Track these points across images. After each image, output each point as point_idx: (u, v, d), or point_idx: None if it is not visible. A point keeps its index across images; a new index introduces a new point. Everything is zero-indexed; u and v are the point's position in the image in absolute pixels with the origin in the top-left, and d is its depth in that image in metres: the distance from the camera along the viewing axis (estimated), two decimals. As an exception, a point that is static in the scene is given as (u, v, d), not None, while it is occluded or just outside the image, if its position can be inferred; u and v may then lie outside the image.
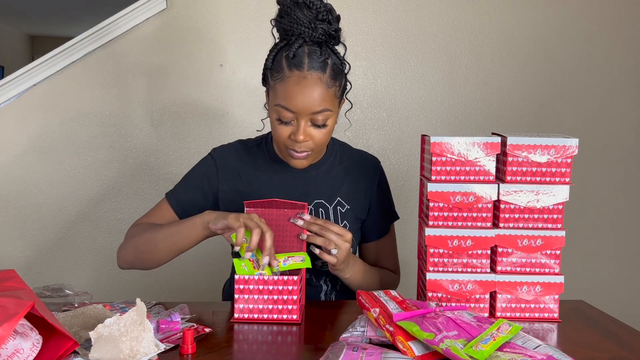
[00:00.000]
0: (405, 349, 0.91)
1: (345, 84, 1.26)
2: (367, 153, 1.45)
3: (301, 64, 1.16)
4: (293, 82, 1.16)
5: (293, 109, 1.17)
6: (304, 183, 1.35)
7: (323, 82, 1.17)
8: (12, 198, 2.08)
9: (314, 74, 1.16)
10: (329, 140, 1.27)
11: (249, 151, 1.38)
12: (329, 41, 1.20)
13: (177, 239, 1.23)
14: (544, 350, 0.88)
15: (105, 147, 2.12)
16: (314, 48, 1.17)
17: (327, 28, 1.18)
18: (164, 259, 1.27)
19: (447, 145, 1.13)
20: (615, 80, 2.29)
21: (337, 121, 1.28)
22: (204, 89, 2.14)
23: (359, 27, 2.18)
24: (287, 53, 1.17)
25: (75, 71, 2.07)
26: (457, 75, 2.24)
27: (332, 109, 1.20)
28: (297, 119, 1.19)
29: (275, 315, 1.11)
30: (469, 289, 1.14)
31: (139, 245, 1.27)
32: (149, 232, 1.27)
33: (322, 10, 1.16)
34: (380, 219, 1.41)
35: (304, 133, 1.19)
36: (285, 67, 1.17)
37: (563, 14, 2.25)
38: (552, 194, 1.13)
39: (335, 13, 1.20)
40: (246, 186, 1.35)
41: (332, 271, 1.25)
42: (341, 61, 1.23)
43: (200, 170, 1.38)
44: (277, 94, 1.19)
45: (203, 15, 2.11)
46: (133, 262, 1.31)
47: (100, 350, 0.86)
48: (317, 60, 1.17)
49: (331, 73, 1.18)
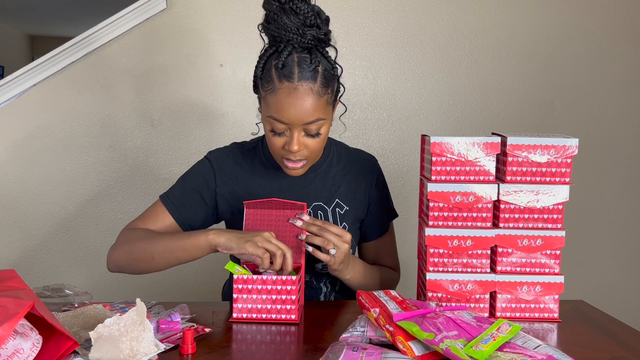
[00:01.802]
0: (405, 349, 0.91)
1: (338, 88, 1.24)
2: (364, 152, 1.44)
3: (291, 74, 1.13)
4: (284, 94, 1.14)
5: (285, 121, 1.16)
6: (301, 186, 1.34)
7: (314, 92, 1.14)
8: (11, 198, 2.08)
9: (305, 85, 1.14)
10: (323, 146, 1.25)
11: (245, 154, 1.37)
12: (319, 46, 1.18)
13: (177, 255, 1.19)
14: (544, 350, 0.88)
15: (105, 147, 2.12)
16: (304, 55, 1.15)
17: (316, 33, 1.15)
18: (159, 269, 1.24)
19: (447, 145, 1.13)
20: (616, 80, 2.29)
21: (332, 124, 1.28)
22: (204, 89, 2.14)
23: (359, 27, 2.19)
24: (277, 62, 1.14)
25: (75, 71, 2.07)
26: (457, 75, 2.24)
27: (325, 117, 1.18)
28: (290, 129, 1.17)
29: (274, 315, 1.11)
30: (469, 289, 1.14)
31: (134, 253, 1.24)
32: (145, 241, 1.23)
33: (310, 15, 1.13)
34: (379, 217, 1.41)
35: (298, 143, 1.18)
36: (275, 77, 1.15)
37: (563, 14, 2.25)
38: (552, 194, 1.13)
39: (323, 15, 1.17)
40: (243, 189, 1.34)
41: (332, 272, 1.24)
42: (332, 65, 1.20)
43: (197, 172, 1.35)
44: (268, 105, 1.17)
45: (203, 15, 2.11)
46: (124, 267, 1.27)
47: (100, 350, 0.86)
48: (307, 69, 1.14)
49: (322, 81, 1.16)
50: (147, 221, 1.31)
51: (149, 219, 1.31)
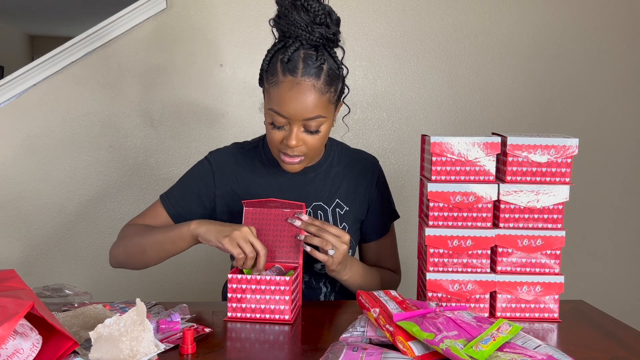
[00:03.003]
0: (405, 349, 0.91)
1: (342, 88, 1.24)
2: (365, 152, 1.44)
3: (295, 69, 1.15)
4: (286, 88, 1.15)
5: (285, 115, 1.16)
6: (302, 186, 1.34)
7: (317, 88, 1.15)
8: (11, 198, 2.08)
9: (308, 81, 1.15)
10: (322, 145, 1.26)
11: (245, 154, 1.37)
12: (327, 44, 1.19)
13: (165, 247, 1.23)
14: (544, 350, 0.88)
15: (105, 147, 2.12)
16: (310, 52, 1.16)
17: (324, 32, 1.16)
18: (152, 262, 1.28)
19: (447, 145, 1.13)
20: (616, 80, 2.29)
21: (335, 124, 1.28)
22: (204, 89, 2.14)
23: (359, 27, 2.18)
24: (283, 57, 1.15)
25: (75, 71, 2.07)
26: (457, 75, 2.24)
27: (326, 115, 1.19)
28: (290, 124, 1.18)
29: (268, 315, 1.11)
30: (469, 289, 1.14)
31: (129, 247, 1.28)
32: (140, 235, 1.27)
33: (320, 13, 1.14)
34: (379, 218, 1.41)
35: (296, 138, 1.18)
36: (280, 71, 1.16)
37: (563, 14, 2.25)
38: (552, 194, 1.12)
39: (334, 16, 1.18)
40: (243, 189, 1.34)
41: (330, 273, 1.24)
42: (338, 65, 1.21)
43: (196, 174, 1.37)
44: (270, 98, 1.19)
45: (203, 15, 2.11)
46: (124, 263, 1.32)
47: (100, 350, 0.86)
48: (312, 66, 1.15)
49: (326, 79, 1.17)
50: (146, 220, 1.35)
51: (148, 218, 1.35)
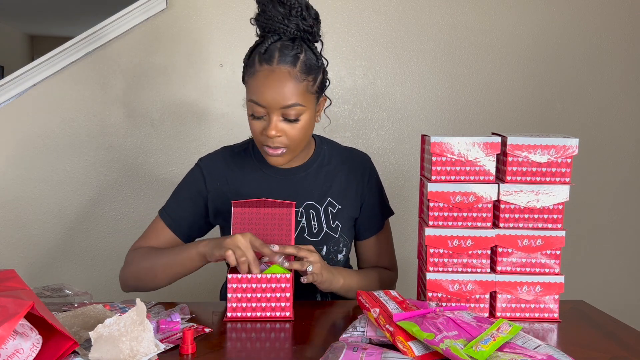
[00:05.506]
0: (405, 349, 0.91)
1: (323, 80, 1.26)
2: (356, 150, 1.44)
3: (271, 58, 1.17)
4: (262, 76, 1.17)
5: (263, 103, 1.18)
6: (292, 185, 1.34)
7: (292, 76, 1.17)
8: (11, 198, 2.08)
9: (283, 68, 1.17)
10: (305, 137, 1.25)
11: (235, 157, 1.37)
12: (304, 37, 1.21)
13: (176, 270, 1.24)
14: (544, 350, 0.88)
15: (105, 147, 2.12)
16: (287, 43, 1.19)
17: (300, 23, 1.18)
18: (164, 284, 1.29)
19: (447, 145, 1.13)
20: (616, 80, 2.30)
21: (319, 119, 1.28)
22: (204, 89, 2.14)
23: (359, 27, 2.18)
24: (260, 48, 1.19)
25: (75, 71, 2.07)
26: (457, 75, 2.24)
27: (305, 104, 1.20)
28: (269, 113, 1.19)
29: (269, 312, 1.11)
30: (469, 289, 1.14)
31: (140, 273, 1.29)
32: (148, 260, 1.27)
33: (297, 6, 1.17)
34: (373, 215, 1.40)
35: (275, 128, 1.19)
36: (257, 62, 1.19)
37: (563, 14, 2.25)
38: (552, 194, 1.12)
39: (312, 10, 1.21)
40: (234, 192, 1.34)
41: (323, 289, 1.24)
42: (317, 57, 1.23)
43: (188, 182, 1.37)
44: (249, 89, 1.21)
45: (203, 15, 2.11)
46: (136, 287, 1.33)
47: (100, 350, 0.86)
48: (288, 54, 1.17)
49: (302, 67, 1.18)
50: (150, 239, 1.35)
51: (151, 237, 1.35)
